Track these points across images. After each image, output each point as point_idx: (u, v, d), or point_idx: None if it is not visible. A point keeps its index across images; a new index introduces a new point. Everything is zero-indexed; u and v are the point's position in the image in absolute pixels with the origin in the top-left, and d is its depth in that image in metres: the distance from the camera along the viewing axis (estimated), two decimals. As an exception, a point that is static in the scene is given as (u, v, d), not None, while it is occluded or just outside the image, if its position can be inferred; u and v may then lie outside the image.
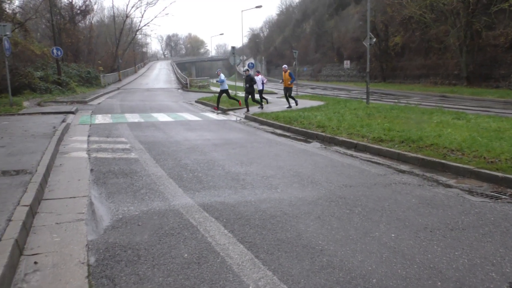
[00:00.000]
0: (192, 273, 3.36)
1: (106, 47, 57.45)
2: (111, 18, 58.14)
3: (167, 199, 5.40)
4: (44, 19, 36.83)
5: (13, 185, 5.52)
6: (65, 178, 6.55)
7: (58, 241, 4.04)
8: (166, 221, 4.57)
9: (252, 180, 6.35)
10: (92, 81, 36.94)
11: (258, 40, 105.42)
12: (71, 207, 5.12)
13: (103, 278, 3.29)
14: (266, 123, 13.64)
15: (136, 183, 6.18)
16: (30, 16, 28.57)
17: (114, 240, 4.04)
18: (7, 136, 9.86)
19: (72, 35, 39.78)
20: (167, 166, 7.29)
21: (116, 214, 4.81)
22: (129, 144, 9.62)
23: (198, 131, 11.89)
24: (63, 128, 11.36)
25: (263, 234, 4.18)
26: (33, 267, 3.51)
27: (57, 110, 17.12)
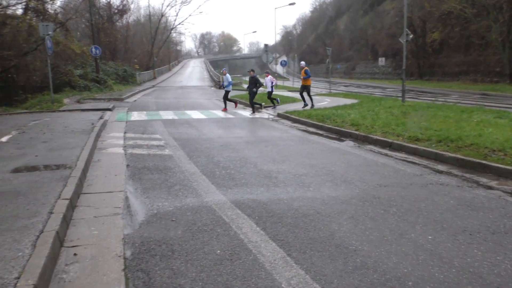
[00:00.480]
0: (224, 269, 3.39)
1: (142, 45, 58.79)
2: (147, 17, 59.39)
3: (200, 195, 5.46)
4: (83, 19, 38.10)
5: (54, 179, 5.74)
6: (102, 173, 6.75)
7: (96, 234, 4.17)
8: (199, 217, 4.62)
9: (285, 178, 6.33)
10: (128, 79, 37.91)
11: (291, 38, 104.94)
12: (108, 201, 5.27)
13: (138, 272, 3.37)
14: (299, 121, 13.55)
15: (170, 179, 6.28)
16: (70, 16, 29.61)
17: (149, 235, 4.13)
18: (49, 132, 10.27)
19: (110, 34, 40.95)
20: (200, 163, 7.38)
21: (151, 209, 4.91)
22: (163, 140, 9.80)
23: (230, 129, 11.97)
24: (101, 125, 11.71)
25: (295, 233, 4.15)
26: (72, 258, 3.63)
27: (95, 107, 17.68)
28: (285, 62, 43.40)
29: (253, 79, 16.65)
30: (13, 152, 7.74)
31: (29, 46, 21.50)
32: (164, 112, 16.80)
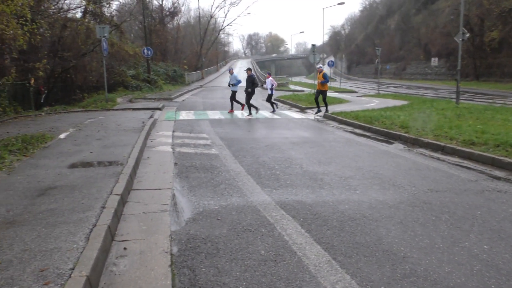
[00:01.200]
0: (268, 270, 3.38)
1: (191, 46, 60.20)
2: (197, 18, 60.74)
3: (245, 195, 5.49)
4: (137, 21, 39.54)
5: (107, 175, 5.99)
6: (151, 170, 6.96)
7: (145, 229, 4.30)
8: (244, 217, 4.65)
9: (330, 180, 6.23)
10: (178, 79, 38.92)
11: (338, 38, 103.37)
12: (156, 198, 5.42)
13: (184, 268, 3.44)
14: (345, 122, 13.31)
15: (216, 178, 6.37)
16: (125, 19, 30.89)
17: (195, 232, 4.20)
18: (103, 130, 10.74)
19: (161, 36, 42.28)
20: (245, 163, 7.43)
21: (197, 207, 5.00)
22: (210, 140, 9.96)
23: (276, 129, 11.97)
24: (151, 124, 12.09)
25: (341, 236, 4.07)
26: (122, 252, 3.77)
27: (146, 106, 18.29)
28: (333, 62, 42.77)
29: (250, 79, 15.70)
30: (70, 148, 8.17)
31: (87, 48, 22.63)
32: (211, 111, 17.08)
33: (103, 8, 24.08)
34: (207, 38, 59.51)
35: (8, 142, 8.38)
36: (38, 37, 15.72)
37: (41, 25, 16.97)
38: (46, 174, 6.09)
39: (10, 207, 4.56)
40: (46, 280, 2.92)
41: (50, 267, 3.13)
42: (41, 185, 5.49)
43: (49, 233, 3.80)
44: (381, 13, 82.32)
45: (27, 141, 8.62)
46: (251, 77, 15.61)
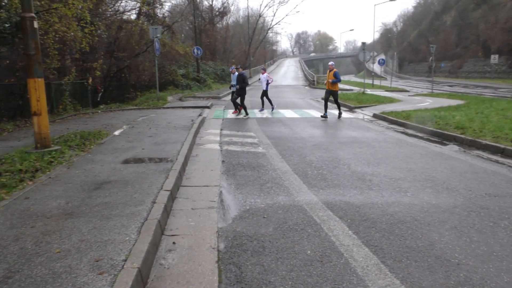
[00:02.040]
0: (314, 270, 3.35)
1: (239, 45, 60.81)
2: (246, 18, 61.23)
3: (291, 194, 5.47)
4: (187, 22, 40.52)
5: (157, 171, 6.19)
6: (200, 167, 7.10)
7: (193, 225, 4.40)
8: (290, 216, 4.63)
9: (379, 181, 6.06)
10: (226, 78, 39.44)
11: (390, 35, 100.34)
12: (204, 195, 5.53)
13: (231, 265, 3.48)
14: (396, 122, 12.90)
15: (263, 177, 6.39)
16: (176, 19, 31.74)
17: (241, 230, 4.24)
18: (154, 127, 11.10)
19: (210, 35, 43.05)
20: (292, 162, 7.40)
21: (243, 205, 5.05)
22: (257, 138, 10.01)
23: (323, 129, 11.82)
24: (200, 122, 12.36)
25: (390, 239, 3.95)
26: (171, 246, 3.88)
27: (195, 104, 18.70)
28: (383, 60, 41.57)
29: (240, 77, 14.62)
30: (123, 144, 8.52)
31: (140, 48, 23.49)
32: (258, 110, 17.16)
33: (156, 10, 24.89)
34: (255, 37, 59.85)
35: (68, 138, 8.88)
36: (96, 38, 16.51)
37: (99, 27, 17.81)
38: (101, 169, 6.39)
39: (69, 199, 4.83)
40: (101, 270, 3.06)
41: (104, 257, 3.28)
42: (97, 179, 5.77)
43: (104, 225, 3.98)
44: (436, 9, 78.96)
45: (85, 137, 9.09)
46: (242, 75, 14.64)
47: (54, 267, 3.14)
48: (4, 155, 7.23)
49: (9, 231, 3.86)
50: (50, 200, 4.81)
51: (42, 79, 7.55)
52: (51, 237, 3.72)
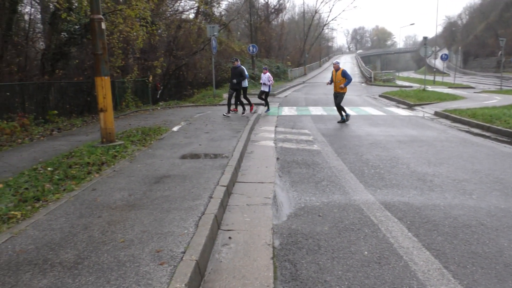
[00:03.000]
0: (372, 272, 3.27)
1: (294, 42, 60.53)
2: (301, 14, 60.84)
3: (347, 193, 5.37)
4: (243, 19, 40.96)
5: (214, 167, 6.33)
6: (254, 164, 7.17)
7: (248, 221, 4.46)
8: (346, 215, 4.55)
9: (441, 182, 5.79)
10: (280, 75, 39.45)
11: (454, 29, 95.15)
12: (259, 191, 5.58)
13: (286, 262, 3.49)
14: (460, 120, 12.24)
15: (318, 175, 6.33)
16: (233, 18, 32.19)
17: (296, 227, 4.23)
18: (210, 124, 11.36)
19: (265, 33, 43.22)
20: (348, 160, 7.26)
21: (298, 203, 5.03)
22: (312, 136, 9.93)
23: (381, 126, 11.47)
24: (255, 119, 12.46)
25: (453, 244, 3.76)
26: (227, 241, 3.95)
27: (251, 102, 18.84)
28: (446, 55, 39.54)
29: (237, 71, 13.25)
30: (182, 140, 8.79)
31: (198, 46, 24.09)
32: (313, 107, 17.01)
33: (213, 8, 25.40)
34: (310, 34, 59.28)
35: (130, 134, 9.32)
36: (157, 37, 17.15)
37: (159, 27, 18.49)
38: (161, 163, 6.65)
39: (132, 192, 5.07)
40: (162, 261, 3.19)
41: (164, 249, 3.41)
42: (157, 173, 6.01)
43: (164, 218, 4.14)
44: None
45: (146, 132, 9.50)
46: (238, 69, 13.24)
47: (118, 255, 3.31)
48: (74, 149, 7.73)
49: (78, 220, 4.13)
50: (115, 192, 5.08)
51: (108, 77, 7.97)
52: (116, 227, 3.93)
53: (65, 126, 11.41)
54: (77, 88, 14.08)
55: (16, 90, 10.90)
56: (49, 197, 4.89)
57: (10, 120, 9.96)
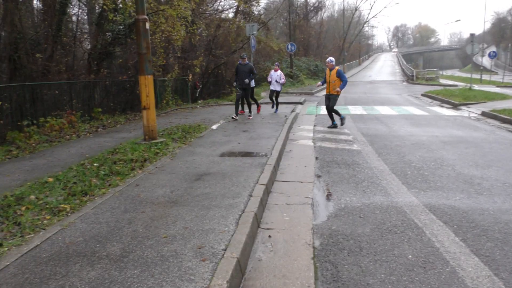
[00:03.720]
0: (417, 277, 3.17)
1: (333, 40, 59.73)
2: (340, 12, 59.98)
3: (389, 194, 5.24)
4: (282, 18, 40.86)
5: (253, 165, 6.35)
6: (293, 163, 7.13)
7: (287, 220, 4.44)
8: (389, 217, 4.44)
9: (490, 185, 5.53)
10: (319, 73, 39.05)
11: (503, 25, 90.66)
12: (298, 190, 5.54)
13: (326, 263, 3.44)
14: (510, 121, 11.65)
15: (358, 175, 6.22)
16: (272, 16, 32.17)
17: (337, 228, 4.18)
18: (250, 122, 11.41)
19: (304, 31, 42.94)
20: (389, 161, 7.08)
21: (338, 203, 4.96)
22: (351, 135, 9.76)
23: (423, 127, 11.11)
24: (293, 118, 12.40)
25: (505, 250, 3.58)
26: (267, 240, 3.96)
27: (288, 100, 18.79)
28: (495, 53, 37.76)
29: (246, 68, 11.93)
30: (221, 138, 8.89)
31: (236, 45, 24.24)
32: (352, 107, 16.72)
33: (252, 7, 25.48)
34: (350, 32, 58.31)
35: (171, 131, 9.52)
36: (197, 37, 17.41)
37: (199, 26, 18.77)
38: (201, 161, 6.74)
39: (173, 188, 5.18)
40: (203, 257, 3.23)
41: (206, 245, 3.46)
42: (197, 170, 6.10)
43: (205, 215, 4.20)
44: (561, -7, 69.40)
45: (186, 130, 9.67)
46: (248, 65, 12.00)
47: (162, 250, 3.39)
48: (118, 145, 7.99)
49: (123, 215, 4.26)
50: (157, 188, 5.20)
51: (151, 76, 8.18)
52: (159, 222, 4.02)
53: (109, 123, 11.82)
54: (120, 86, 14.52)
55: (64, 88, 11.38)
56: (95, 191, 5.08)
57: (58, 117, 10.42)
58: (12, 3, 9.93)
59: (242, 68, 11.94)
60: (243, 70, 11.88)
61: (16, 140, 8.60)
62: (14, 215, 4.24)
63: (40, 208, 4.46)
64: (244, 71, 11.89)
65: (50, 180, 5.52)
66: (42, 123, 9.84)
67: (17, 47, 10.32)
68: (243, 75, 11.85)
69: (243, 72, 11.87)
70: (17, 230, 3.90)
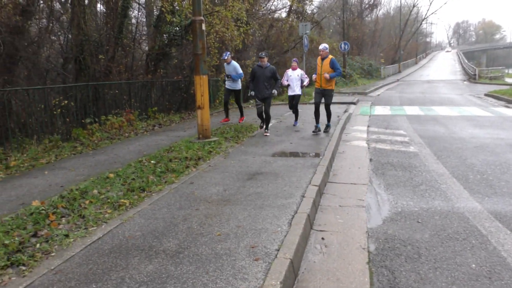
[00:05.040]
0: (481, 287, 2.98)
1: (388, 39, 57.96)
2: (397, 9, 58.02)
3: (450, 199, 4.99)
4: (335, 16, 40.23)
5: (305, 166, 6.29)
6: (346, 164, 6.99)
7: (341, 222, 4.36)
8: (449, 223, 4.22)
9: None
10: (373, 73, 38.08)
11: None
12: (352, 192, 5.42)
13: (382, 268, 3.33)
14: None
15: (415, 178, 5.98)
16: (325, 15, 31.77)
17: (393, 233, 4.03)
18: (300, 122, 11.31)
19: (358, 29, 41.99)
20: (449, 164, 6.74)
21: (394, 207, 4.79)
22: (407, 137, 9.41)
23: (487, 128, 10.47)
24: (346, 118, 12.16)
25: None
26: (320, 242, 3.90)
27: (341, 100, 18.46)
28: None
29: (267, 71, 9.09)
30: (273, 138, 8.89)
31: (289, 45, 24.16)
32: (408, 107, 16.12)
33: (305, 7, 25.27)
34: (407, 29, 56.25)
35: (224, 130, 9.67)
36: (250, 37, 17.54)
37: (252, 26, 18.91)
38: (253, 160, 6.79)
39: (226, 187, 5.25)
40: (256, 256, 3.25)
41: (259, 245, 3.47)
42: (249, 170, 6.15)
43: (257, 214, 4.22)
44: None
45: (238, 130, 9.78)
46: (269, 68, 9.13)
47: (215, 248, 3.44)
48: (173, 143, 8.24)
49: (178, 212, 4.38)
50: (210, 187, 5.30)
51: (206, 76, 8.35)
52: (213, 220, 4.09)
53: (164, 122, 12.20)
54: (175, 86, 14.95)
55: (123, 88, 11.91)
56: (152, 188, 5.27)
57: (118, 115, 10.91)
58: (79, 7, 10.52)
59: (260, 71, 9.07)
60: (263, 75, 9.09)
61: (80, 137, 9.12)
62: (79, 208, 4.49)
63: (102, 202, 4.69)
64: (265, 75, 9.01)
65: (111, 175, 5.79)
66: (104, 121, 10.35)
67: (82, 48, 10.92)
68: (261, 80, 9.08)
69: (263, 77, 9.04)
70: (81, 222, 4.12)
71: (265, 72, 9.08)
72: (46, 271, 3.14)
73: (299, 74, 10.57)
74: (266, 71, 9.10)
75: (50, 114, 9.13)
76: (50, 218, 4.18)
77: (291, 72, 10.63)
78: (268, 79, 9.08)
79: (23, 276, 3.08)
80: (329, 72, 8.77)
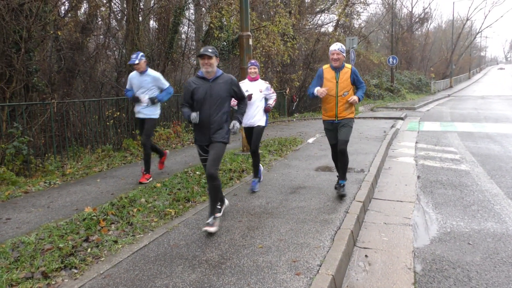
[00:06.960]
0: (537, 317, 2.80)
1: (439, 53, 56.14)
2: (449, 23, 56.20)
3: (504, 221, 4.73)
4: (383, 30, 39.62)
5: (349, 181, 6.19)
6: (392, 181, 6.81)
7: (386, 240, 4.24)
8: (503, 246, 4.00)
9: None
10: (422, 88, 36.98)
11: None
12: (398, 210, 5.27)
13: (429, 290, 3.22)
14: None
15: (467, 198, 5.72)
16: (373, 29, 31.38)
17: (441, 254, 3.87)
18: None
19: (407, 43, 41.05)
20: (505, 184, 6.39)
21: (443, 227, 4.61)
22: (458, 154, 9.03)
23: (548, 148, 9.84)
24: (393, 133, 11.86)
25: None
26: (363, 259, 3.82)
27: (387, 115, 18.05)
28: None
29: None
30: (316, 152, 8.84)
31: (334, 59, 24.06)
32: (460, 123, 15.46)
33: (353, 21, 25.11)
34: (459, 43, 54.26)
35: (268, 143, 9.73)
36: (297, 51, 17.62)
37: (299, 41, 19.01)
38: (296, 174, 6.77)
39: (269, 200, 5.27)
40: (298, 271, 3.23)
41: (300, 259, 3.45)
42: (292, 183, 6.14)
43: (299, 228, 4.20)
44: None
45: (282, 143, 9.80)
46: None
47: (257, 260, 3.46)
48: (218, 155, 8.38)
49: (221, 223, 4.44)
50: (253, 199, 5.34)
51: (251, 90, 8.46)
52: (255, 232, 4.12)
53: (210, 134, 12.47)
54: (221, 99, 15.29)
55: (171, 100, 12.31)
56: (197, 198, 5.39)
57: (166, 127, 11.28)
58: (134, 24, 11.06)
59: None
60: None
61: (130, 147, 9.50)
62: (127, 216, 4.68)
63: (149, 211, 4.86)
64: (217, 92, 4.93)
65: (158, 185, 5.99)
66: (152, 133, 10.75)
67: (135, 63, 11.45)
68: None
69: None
70: (129, 229, 4.29)
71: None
72: (96, 275, 3.28)
73: (264, 89, 6.03)
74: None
75: (103, 125, 9.60)
76: (100, 224, 4.39)
77: (248, 83, 6.11)
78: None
79: (75, 279, 3.25)
80: (348, 88, 5.31)
